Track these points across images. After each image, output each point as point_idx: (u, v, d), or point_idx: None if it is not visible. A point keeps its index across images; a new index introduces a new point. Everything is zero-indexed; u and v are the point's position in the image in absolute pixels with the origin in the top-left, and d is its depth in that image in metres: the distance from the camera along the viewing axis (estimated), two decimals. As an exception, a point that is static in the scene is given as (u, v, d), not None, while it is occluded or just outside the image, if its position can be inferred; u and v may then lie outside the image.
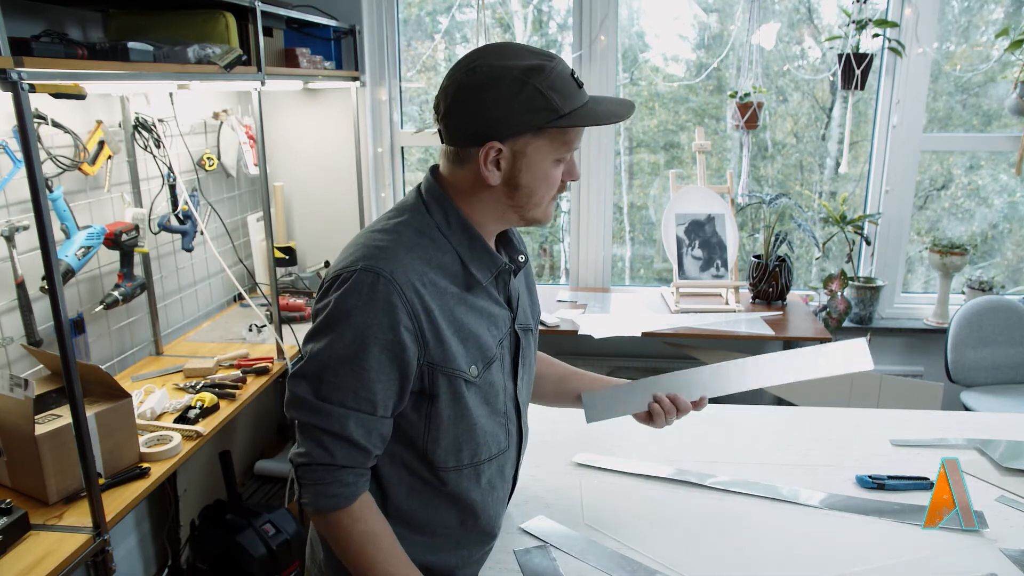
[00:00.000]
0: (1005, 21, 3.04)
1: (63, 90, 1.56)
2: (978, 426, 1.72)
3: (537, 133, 1.04)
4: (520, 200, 1.09)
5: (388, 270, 1.01)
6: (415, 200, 1.12)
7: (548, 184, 1.09)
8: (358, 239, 1.09)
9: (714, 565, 1.21)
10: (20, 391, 1.42)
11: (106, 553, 1.44)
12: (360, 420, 1.03)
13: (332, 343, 1.01)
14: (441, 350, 1.05)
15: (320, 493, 1.03)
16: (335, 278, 1.03)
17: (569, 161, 1.11)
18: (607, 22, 2.98)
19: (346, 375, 1.01)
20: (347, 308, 1.00)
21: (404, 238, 1.06)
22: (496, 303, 1.15)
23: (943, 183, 3.32)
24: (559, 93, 1.02)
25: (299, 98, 3.06)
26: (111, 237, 2.00)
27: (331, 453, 1.02)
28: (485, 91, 1.02)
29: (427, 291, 1.04)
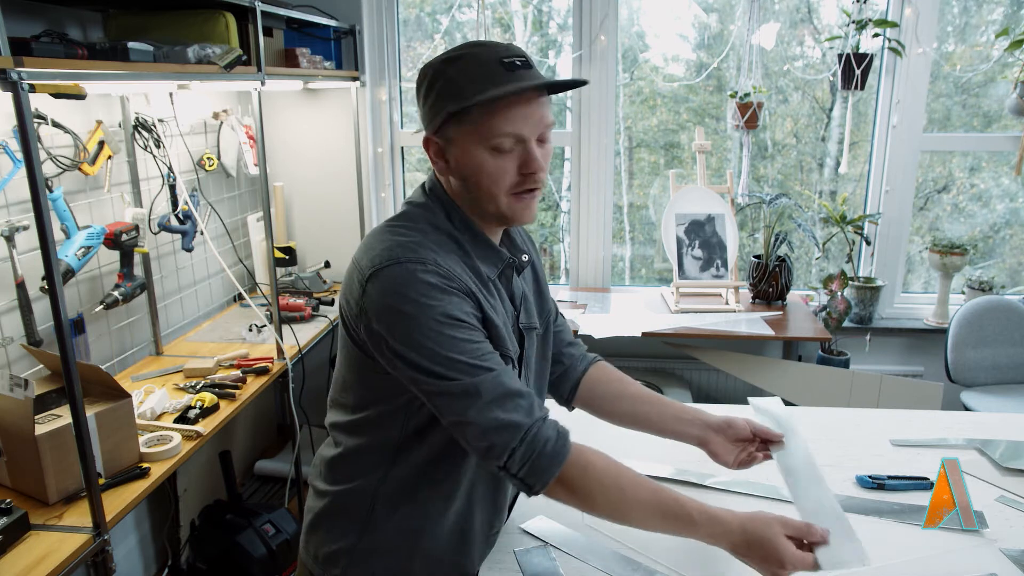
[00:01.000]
0: (1005, 21, 3.04)
1: (63, 90, 1.56)
2: (978, 426, 1.72)
3: (459, 122, 1.03)
4: (473, 193, 1.07)
5: (430, 259, 1.01)
6: (423, 198, 1.13)
7: (489, 175, 1.04)
8: (381, 236, 1.07)
9: (714, 565, 1.21)
10: (20, 391, 1.42)
11: (106, 553, 1.44)
12: (504, 373, 1.01)
13: (423, 337, 0.98)
14: (493, 326, 1.06)
15: (542, 462, 1.00)
16: (380, 268, 1.01)
17: (522, 151, 1.04)
18: (607, 22, 2.98)
19: (461, 351, 0.98)
20: (413, 297, 0.98)
21: (427, 235, 1.07)
22: (502, 300, 1.14)
23: (944, 184, 3.32)
24: (470, 78, 1.00)
25: (299, 98, 3.06)
26: (111, 237, 2.00)
27: (514, 419, 0.98)
28: (421, 87, 1.07)
29: (464, 276, 1.04)
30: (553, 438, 1.01)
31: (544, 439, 1.00)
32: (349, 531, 1.13)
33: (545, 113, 1.05)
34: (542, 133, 1.06)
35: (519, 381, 1.03)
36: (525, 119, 1.03)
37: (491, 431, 0.99)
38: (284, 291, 2.92)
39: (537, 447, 1.00)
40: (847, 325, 3.05)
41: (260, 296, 2.92)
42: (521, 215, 1.09)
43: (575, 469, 1.02)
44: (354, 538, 1.13)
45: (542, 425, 1.01)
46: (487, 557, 1.24)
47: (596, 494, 1.03)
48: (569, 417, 1.62)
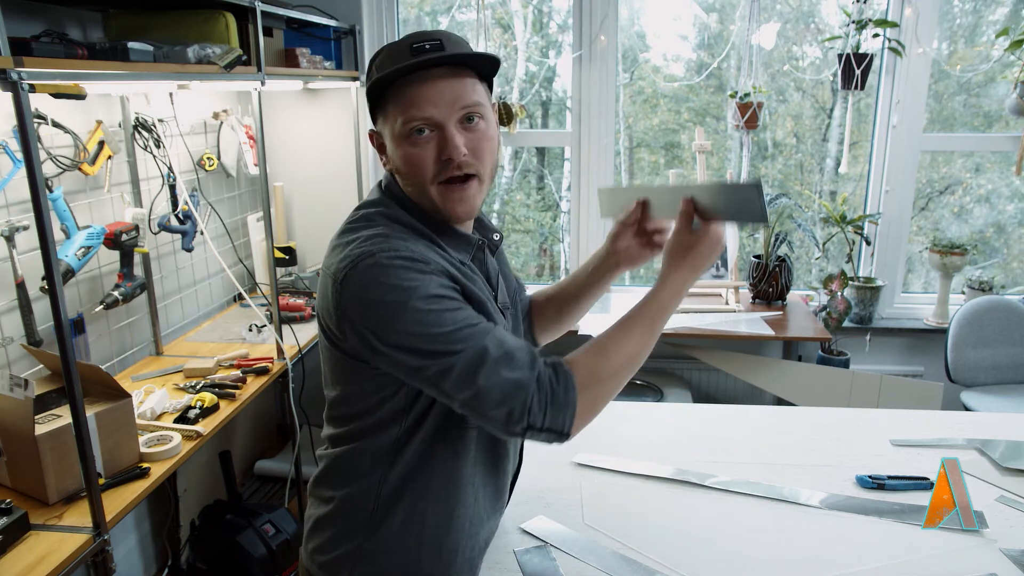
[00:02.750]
0: (1005, 21, 3.04)
1: (63, 90, 1.56)
2: (978, 426, 1.72)
3: (383, 112, 1.03)
4: (406, 183, 1.06)
5: (403, 248, 0.98)
6: (378, 195, 1.11)
7: (412, 166, 1.02)
8: (346, 237, 1.03)
9: (714, 565, 1.21)
10: (20, 391, 1.42)
11: (106, 553, 1.44)
12: (494, 334, 0.98)
13: (411, 323, 0.94)
14: (476, 301, 1.04)
15: (558, 411, 0.98)
16: (352, 265, 0.97)
17: (440, 138, 1.00)
18: (607, 22, 2.98)
19: (450, 325, 0.95)
20: (390, 285, 0.95)
21: (390, 229, 1.03)
22: (478, 281, 1.12)
23: (946, 186, 3.32)
24: (382, 64, 1.01)
25: (299, 98, 3.06)
26: (111, 237, 2.00)
27: (520, 375, 0.96)
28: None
29: (438, 259, 1.02)
30: (553, 376, 0.99)
31: (549, 381, 0.98)
32: (354, 534, 1.13)
33: (461, 94, 1.00)
34: (465, 115, 1.01)
35: (509, 334, 1.01)
36: (434, 101, 0.99)
37: (507, 395, 0.96)
38: (284, 291, 2.92)
39: (548, 393, 0.98)
40: (847, 325, 3.05)
41: (260, 296, 2.92)
42: (454, 208, 1.04)
43: (581, 382, 1.00)
44: (360, 540, 1.13)
45: (542, 369, 0.99)
46: (486, 557, 1.24)
47: (604, 380, 1.02)
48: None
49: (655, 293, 1.09)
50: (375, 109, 1.06)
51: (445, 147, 1.00)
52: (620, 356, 1.04)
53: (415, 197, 1.07)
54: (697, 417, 1.78)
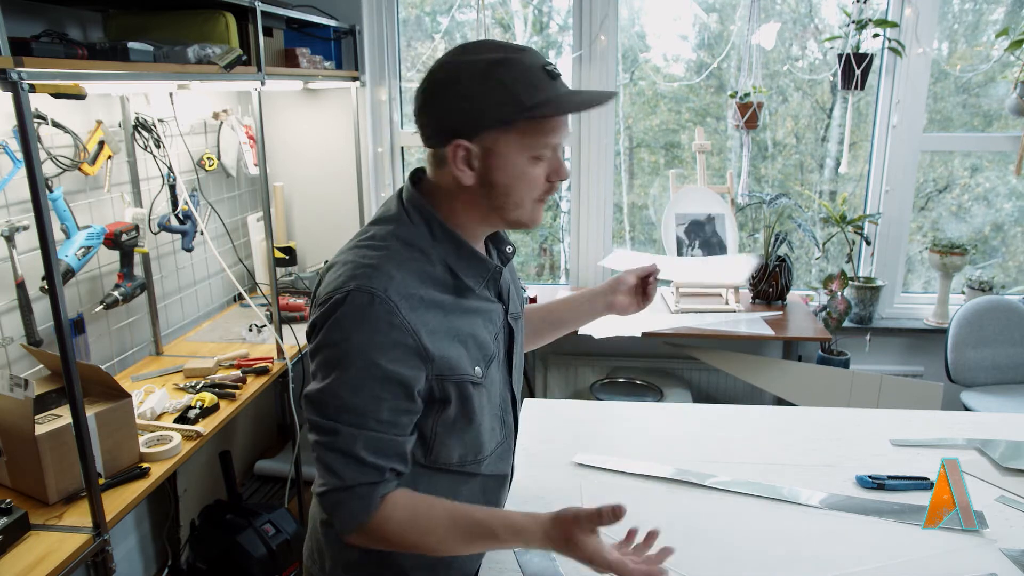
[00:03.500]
0: (1005, 21, 3.04)
1: (63, 90, 1.56)
2: (978, 426, 1.72)
3: (505, 128, 0.99)
4: (498, 201, 1.04)
5: (382, 288, 0.98)
6: (397, 210, 1.08)
7: (527, 183, 1.03)
8: (347, 256, 1.05)
9: (714, 565, 1.21)
10: (20, 391, 1.42)
11: (106, 553, 1.44)
12: (369, 440, 0.99)
13: (334, 366, 0.99)
14: (445, 360, 1.03)
15: (341, 515, 1.01)
16: (328, 299, 1.00)
17: (553, 159, 1.05)
18: (607, 22, 2.98)
19: (349, 396, 0.98)
20: (345, 331, 0.97)
21: (393, 252, 1.03)
22: (488, 300, 1.13)
23: (945, 185, 3.32)
24: (523, 84, 0.98)
25: (299, 98, 3.06)
26: (111, 237, 2.00)
27: (340, 475, 0.99)
28: (449, 87, 1.00)
29: (422, 304, 1.01)
30: (358, 505, 1.01)
31: (355, 498, 1.00)
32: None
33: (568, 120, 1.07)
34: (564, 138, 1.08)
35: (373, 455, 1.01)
36: (564, 129, 1.04)
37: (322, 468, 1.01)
38: (284, 291, 2.92)
39: (344, 503, 1.01)
40: (847, 325, 3.05)
41: (260, 296, 2.92)
42: (538, 219, 1.10)
43: (375, 524, 1.02)
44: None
45: (358, 488, 1.01)
46: (486, 556, 1.24)
47: (395, 542, 1.03)
48: (575, 416, 1.62)
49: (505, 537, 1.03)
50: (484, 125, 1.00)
51: (559, 170, 1.06)
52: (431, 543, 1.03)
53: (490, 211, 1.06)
54: (697, 417, 1.78)
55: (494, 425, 1.17)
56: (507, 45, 1.02)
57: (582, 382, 3.22)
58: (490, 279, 1.12)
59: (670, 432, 1.69)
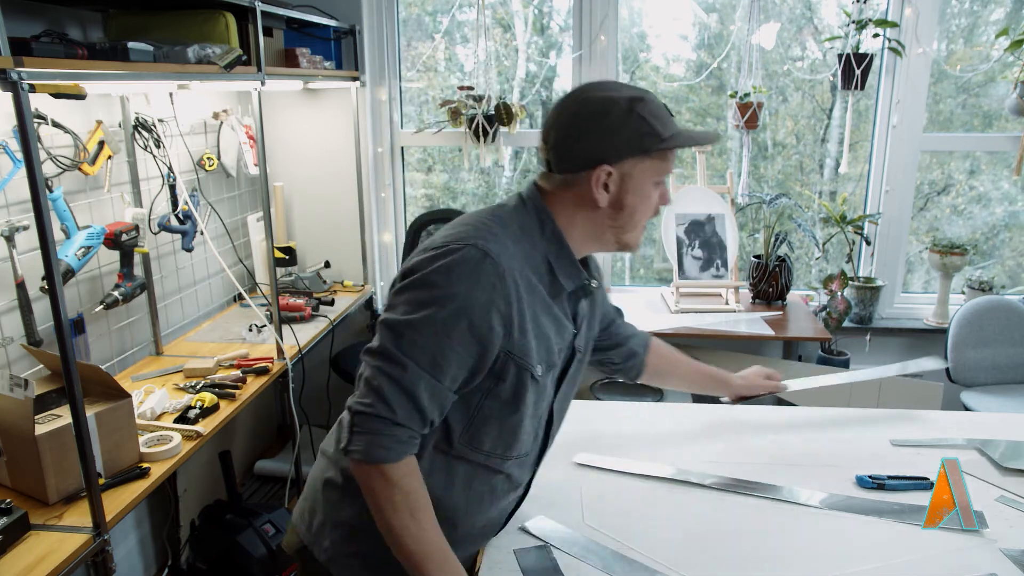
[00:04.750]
0: (1005, 21, 3.04)
1: (63, 90, 1.56)
2: (978, 426, 1.72)
3: (643, 156, 1.11)
4: (622, 220, 1.15)
5: (496, 253, 1.06)
6: (517, 203, 1.18)
7: (648, 206, 1.16)
8: (468, 218, 1.14)
9: (714, 565, 1.21)
10: (20, 391, 1.42)
11: (106, 553, 1.44)
12: (430, 385, 1.04)
13: (426, 305, 1.04)
14: (523, 341, 1.09)
15: (373, 443, 1.03)
16: (443, 246, 1.06)
17: (663, 188, 1.17)
18: (607, 22, 2.98)
19: (431, 339, 1.03)
20: (450, 277, 1.04)
21: (510, 230, 1.12)
22: (566, 315, 1.19)
23: (944, 186, 3.32)
24: (659, 120, 1.11)
25: (299, 98, 3.06)
26: (111, 237, 2.00)
27: (393, 409, 1.03)
28: (598, 119, 1.10)
29: (522, 283, 1.08)
30: (393, 445, 1.04)
31: (391, 436, 1.03)
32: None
33: None
34: None
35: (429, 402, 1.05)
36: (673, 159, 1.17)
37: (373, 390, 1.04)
38: (284, 291, 2.92)
39: (380, 433, 1.03)
40: (847, 325, 3.05)
41: (260, 296, 2.92)
42: (640, 242, 1.22)
43: (395, 470, 1.04)
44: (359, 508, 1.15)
45: (401, 429, 1.04)
46: (486, 556, 1.24)
47: (389, 498, 1.04)
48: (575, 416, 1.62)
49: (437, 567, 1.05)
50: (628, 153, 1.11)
51: (665, 195, 1.19)
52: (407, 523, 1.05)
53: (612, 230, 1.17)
54: (697, 417, 1.78)
55: (535, 429, 1.21)
56: (630, 86, 1.15)
57: (582, 382, 3.22)
58: (577, 290, 1.19)
59: (670, 432, 1.69)
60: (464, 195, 3.56)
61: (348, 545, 1.17)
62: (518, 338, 1.08)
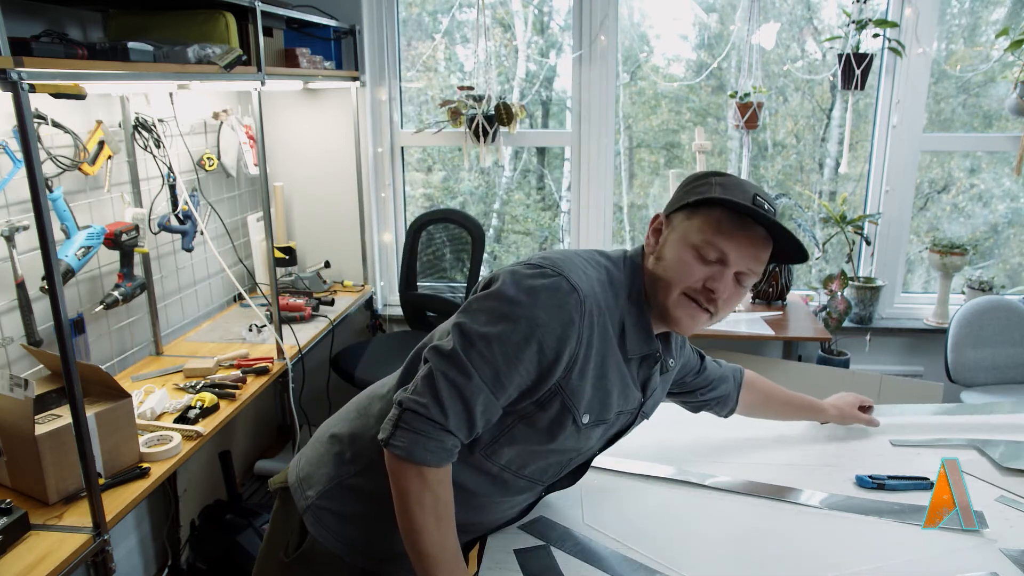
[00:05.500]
0: (1005, 21, 3.04)
1: (63, 90, 1.56)
2: (978, 426, 1.72)
3: (691, 213, 1.10)
4: (658, 273, 1.12)
5: (585, 291, 1.06)
6: (620, 256, 1.19)
7: (679, 267, 1.09)
8: (570, 252, 1.14)
9: (714, 565, 1.21)
10: (20, 391, 1.42)
11: (106, 553, 1.44)
12: (487, 399, 1.04)
13: (505, 319, 1.03)
14: (579, 383, 1.08)
15: (417, 443, 1.02)
16: (538, 267, 1.07)
17: (717, 270, 1.09)
18: (607, 22, 2.98)
19: (501, 355, 1.03)
20: (535, 299, 1.04)
21: (602, 277, 1.12)
22: (635, 380, 1.18)
23: (944, 185, 3.32)
24: (724, 189, 1.08)
25: (299, 98, 3.06)
26: (111, 237, 2.00)
27: (447, 415, 1.02)
28: (687, 183, 1.15)
29: (599, 329, 1.08)
30: (437, 450, 1.03)
31: (438, 441, 1.03)
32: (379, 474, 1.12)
33: (757, 256, 1.11)
34: (743, 273, 1.11)
35: (481, 415, 1.05)
36: (739, 247, 1.08)
37: (432, 391, 1.03)
38: (284, 291, 2.92)
39: (428, 435, 1.03)
40: (847, 325, 3.05)
41: (260, 296, 2.92)
42: (681, 321, 1.13)
43: (434, 473, 1.04)
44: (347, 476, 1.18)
45: (449, 436, 1.04)
46: (486, 556, 1.24)
47: (418, 500, 1.04)
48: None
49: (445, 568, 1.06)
50: (685, 207, 1.11)
51: (716, 280, 1.09)
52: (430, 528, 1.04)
53: (650, 287, 1.14)
54: (697, 417, 1.78)
55: (554, 466, 1.21)
56: (748, 185, 1.11)
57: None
58: (645, 359, 1.18)
59: (670, 432, 1.69)
60: (463, 195, 3.56)
61: (328, 501, 1.18)
62: (576, 379, 1.08)
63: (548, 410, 1.10)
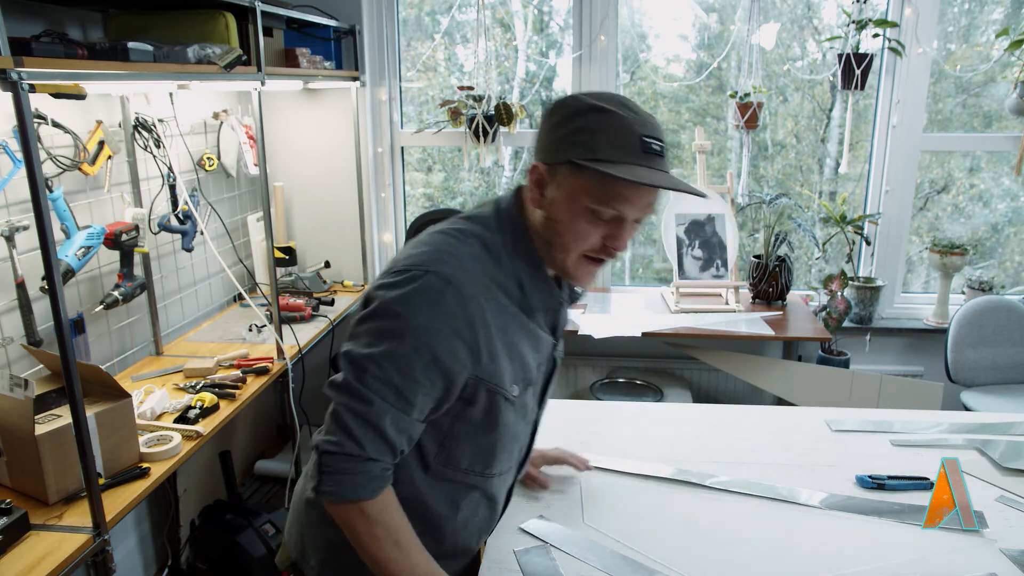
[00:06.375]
0: (1005, 21, 3.04)
1: (63, 90, 1.56)
2: (978, 426, 1.72)
3: (575, 170, 1.01)
4: (551, 236, 1.07)
5: (456, 279, 1.01)
6: (491, 214, 1.12)
7: (576, 232, 1.04)
8: (428, 239, 1.08)
9: (714, 565, 1.21)
10: (20, 391, 1.42)
11: (106, 553, 1.44)
12: (396, 417, 1.01)
13: (388, 336, 1.00)
14: (492, 366, 1.06)
15: (345, 483, 1.00)
16: (404, 272, 1.02)
17: (615, 225, 1.04)
18: (607, 22, 2.98)
19: (395, 371, 1.00)
20: (411, 307, 1.00)
21: (474, 250, 1.06)
22: (542, 329, 1.16)
23: (944, 185, 3.32)
24: (609, 139, 0.99)
25: (299, 98, 3.06)
26: (111, 237, 2.00)
27: (362, 445, 1.00)
28: (553, 113, 1.05)
29: (489, 306, 1.04)
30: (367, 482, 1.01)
31: (364, 472, 1.01)
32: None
33: (652, 202, 1.06)
34: (640, 217, 1.07)
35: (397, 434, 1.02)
36: (635, 204, 1.03)
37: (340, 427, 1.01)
38: (284, 291, 2.92)
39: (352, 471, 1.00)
40: (847, 325, 3.05)
41: (260, 296, 2.92)
42: (582, 278, 1.10)
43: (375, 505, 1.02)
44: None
45: (373, 463, 1.01)
46: (486, 556, 1.24)
47: (370, 532, 1.02)
48: (575, 416, 1.62)
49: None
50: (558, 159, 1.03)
51: (616, 237, 1.05)
52: (392, 555, 1.03)
53: (544, 245, 1.08)
54: (697, 417, 1.78)
55: (512, 447, 1.19)
56: (630, 104, 1.04)
57: (582, 382, 3.22)
58: (551, 309, 1.15)
59: (670, 432, 1.69)
60: (463, 195, 3.56)
61: (334, 565, 1.16)
62: (487, 363, 1.05)
63: (477, 402, 1.07)
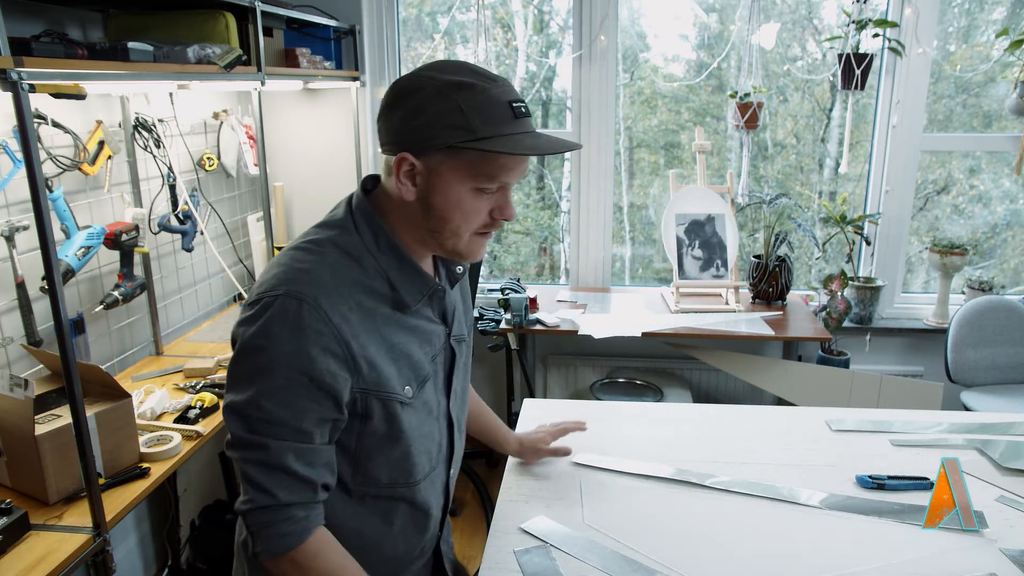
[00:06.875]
0: (1005, 21, 3.04)
1: (63, 90, 1.56)
2: (978, 426, 1.72)
3: (452, 153, 0.96)
4: (434, 224, 1.02)
5: (312, 295, 0.95)
6: (344, 216, 1.07)
7: (465, 214, 1.00)
8: (281, 258, 1.02)
9: (714, 565, 1.21)
10: (20, 391, 1.42)
11: (106, 553, 1.44)
12: (299, 452, 0.97)
13: (259, 375, 0.95)
14: (374, 374, 1.01)
15: (270, 536, 0.96)
16: (257, 301, 0.97)
17: (500, 196, 1.02)
18: (607, 22, 2.98)
19: (276, 408, 0.95)
20: (271, 337, 0.94)
21: (329, 259, 1.01)
22: (429, 320, 1.11)
23: (944, 185, 3.32)
24: (481, 114, 0.95)
25: (299, 98, 3.06)
26: (111, 237, 2.00)
27: (271, 493, 0.96)
28: (407, 98, 0.98)
29: (354, 314, 0.99)
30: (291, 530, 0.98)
31: (286, 520, 0.97)
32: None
33: (527, 166, 1.04)
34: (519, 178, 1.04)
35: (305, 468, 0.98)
36: (517, 170, 1.01)
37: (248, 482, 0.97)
38: (284, 291, 2.92)
39: (273, 523, 0.97)
40: (847, 325, 3.05)
41: (260, 296, 2.91)
42: (477, 253, 1.07)
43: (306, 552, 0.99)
44: None
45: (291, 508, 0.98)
46: (486, 556, 1.24)
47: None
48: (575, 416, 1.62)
49: None
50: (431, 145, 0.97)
51: (504, 207, 1.03)
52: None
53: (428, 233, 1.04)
54: (697, 417, 1.78)
55: (428, 448, 1.13)
56: (480, 71, 0.99)
57: (582, 382, 3.22)
58: (431, 297, 1.10)
59: (670, 432, 1.69)
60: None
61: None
62: (369, 373, 1.00)
63: (373, 414, 1.02)
